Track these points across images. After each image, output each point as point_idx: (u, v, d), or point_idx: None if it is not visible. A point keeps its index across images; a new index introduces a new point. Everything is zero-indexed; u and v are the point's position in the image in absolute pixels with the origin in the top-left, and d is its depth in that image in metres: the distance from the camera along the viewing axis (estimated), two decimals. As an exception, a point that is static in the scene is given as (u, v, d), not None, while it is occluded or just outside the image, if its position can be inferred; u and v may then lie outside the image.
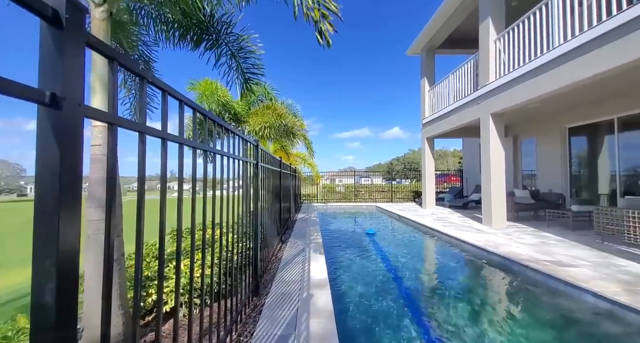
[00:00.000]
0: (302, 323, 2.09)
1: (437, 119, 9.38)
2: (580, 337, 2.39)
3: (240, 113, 5.87)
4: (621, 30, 3.72)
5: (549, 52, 4.87)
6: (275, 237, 4.51)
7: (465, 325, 2.51)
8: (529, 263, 3.63)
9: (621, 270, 3.36)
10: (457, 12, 8.01)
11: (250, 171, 2.64)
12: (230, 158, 1.89)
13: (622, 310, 2.50)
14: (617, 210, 4.51)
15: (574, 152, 8.06)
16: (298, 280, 3.03)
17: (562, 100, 7.08)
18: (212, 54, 3.26)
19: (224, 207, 1.80)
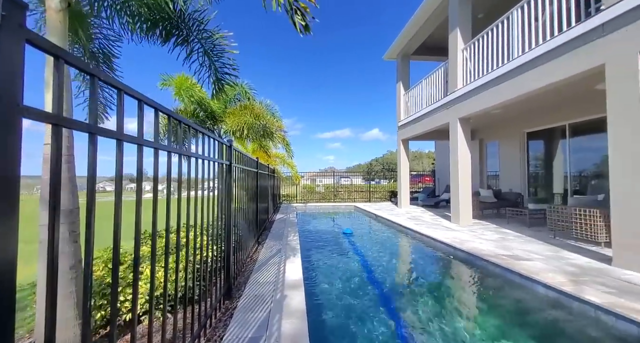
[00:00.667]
0: (273, 324, 2.09)
1: (412, 121, 9.77)
2: (530, 322, 2.62)
3: (217, 111, 5.71)
4: (569, 45, 4.13)
5: (509, 63, 5.28)
6: (252, 239, 4.45)
7: (432, 314, 2.65)
8: (489, 257, 3.91)
9: (568, 262, 3.73)
10: (429, 22, 8.42)
11: (223, 172, 2.59)
12: (199, 159, 1.85)
13: (567, 299, 2.78)
14: (567, 208, 4.99)
15: (531, 154, 8.77)
16: (273, 281, 3.02)
17: (521, 107, 7.68)
18: (183, 49, 3.17)
19: (192, 210, 1.76)
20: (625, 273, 3.26)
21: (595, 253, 4.12)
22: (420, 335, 2.39)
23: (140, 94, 1.02)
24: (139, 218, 1.08)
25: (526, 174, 8.90)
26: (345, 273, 3.94)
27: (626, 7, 3.38)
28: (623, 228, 3.46)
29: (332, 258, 4.73)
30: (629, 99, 3.39)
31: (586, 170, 7.09)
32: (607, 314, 2.42)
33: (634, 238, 3.31)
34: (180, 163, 1.74)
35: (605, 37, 3.65)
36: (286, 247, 4.55)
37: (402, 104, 10.66)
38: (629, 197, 3.38)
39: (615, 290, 2.77)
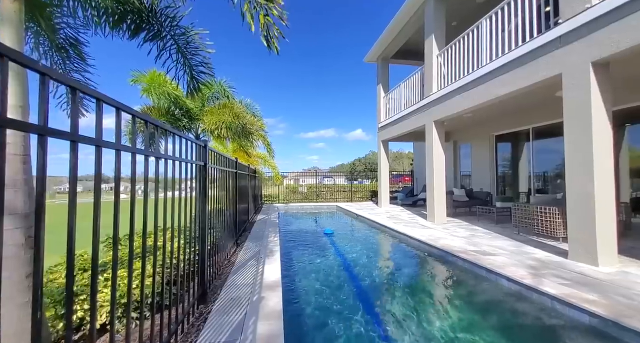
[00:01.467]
0: (249, 327, 2.07)
1: (391, 123, 10.03)
2: (491, 312, 2.80)
3: (194, 110, 5.53)
4: (531, 55, 4.45)
5: (478, 69, 5.58)
6: (230, 240, 4.36)
7: (405, 307, 2.76)
8: (459, 253, 4.13)
9: (529, 256, 4.02)
10: (407, 28, 8.70)
11: (197, 173, 2.53)
12: (168, 160, 1.80)
13: (527, 291, 3.00)
14: (529, 206, 5.36)
15: (499, 156, 9.33)
16: (250, 283, 2.99)
17: (491, 111, 8.14)
18: (155, 46, 3.04)
19: (162, 212, 1.71)
20: (579, 266, 3.57)
21: (554, 247, 4.47)
22: (393, 325, 2.48)
23: (98, 92, 0.98)
24: (97, 223, 1.04)
25: (495, 174, 9.45)
26: (324, 272, 3.98)
27: (580, 22, 3.71)
28: (576, 224, 3.78)
29: (312, 258, 4.76)
30: (581, 106, 3.72)
31: (548, 171, 7.67)
32: (561, 304, 2.64)
33: (586, 233, 3.64)
34: (146, 165, 1.69)
35: (562, 48, 3.98)
36: (265, 248, 4.51)
37: (382, 105, 10.92)
38: (582, 195, 3.70)
39: (570, 282, 3.03)
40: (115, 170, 1.15)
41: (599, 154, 3.57)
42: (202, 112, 5.49)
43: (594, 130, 3.57)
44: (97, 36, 2.96)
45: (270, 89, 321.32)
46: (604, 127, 3.61)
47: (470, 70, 5.83)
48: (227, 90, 5.78)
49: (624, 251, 4.09)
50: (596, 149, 3.56)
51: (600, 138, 3.59)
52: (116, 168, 1.35)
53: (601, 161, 3.57)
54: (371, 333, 2.39)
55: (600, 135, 3.59)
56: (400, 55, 10.68)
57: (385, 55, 10.62)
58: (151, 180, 1.97)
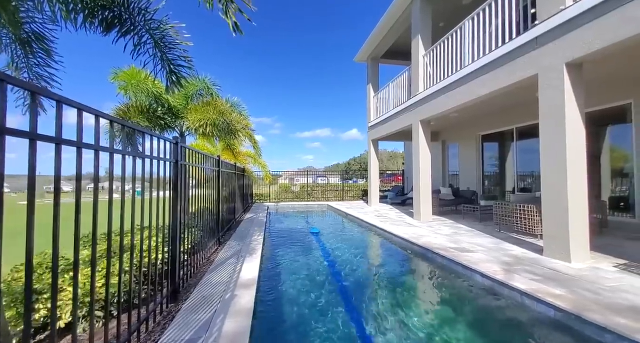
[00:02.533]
0: (216, 324, 2.07)
1: (380, 123, 10.09)
2: (463, 306, 2.85)
3: (177, 107, 5.46)
4: (509, 56, 4.53)
5: (461, 70, 5.66)
6: (212, 239, 4.33)
7: (381, 301, 2.79)
8: (439, 250, 4.19)
9: (506, 253, 4.10)
10: (394, 28, 8.76)
11: (169, 170, 2.50)
12: (133, 157, 1.78)
13: (499, 286, 3.06)
14: (509, 204, 5.47)
15: (485, 155, 9.48)
16: (225, 281, 2.98)
17: (476, 111, 8.27)
18: (131, 40, 3.00)
19: (139, 211, 1.69)
20: (552, 262, 3.66)
21: (531, 244, 4.57)
22: (368, 319, 2.50)
23: (57, 95, 0.98)
24: (57, 222, 1.03)
25: (481, 173, 9.61)
26: (305, 270, 3.99)
27: (555, 23, 3.79)
28: (551, 221, 3.88)
29: (294, 256, 4.76)
30: (555, 106, 3.80)
31: (530, 170, 7.83)
32: (529, 299, 2.70)
33: (559, 230, 3.73)
34: (111, 162, 1.67)
35: (538, 49, 4.06)
36: (247, 246, 4.50)
37: (372, 105, 10.97)
38: (556, 193, 3.80)
39: (540, 277, 3.11)
40: (76, 167, 1.14)
41: (572, 152, 3.66)
42: (186, 109, 5.43)
43: (567, 130, 3.66)
44: (84, 35, 2.92)
45: (266, 88, 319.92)
46: (577, 127, 3.70)
47: (454, 71, 5.91)
48: (212, 88, 5.71)
49: (599, 248, 4.21)
50: (569, 148, 3.65)
51: (574, 137, 3.68)
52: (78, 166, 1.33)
53: (574, 159, 3.66)
54: (344, 329, 2.40)
55: (573, 134, 3.68)
56: (390, 55, 10.75)
57: (375, 55, 10.67)
58: (128, 180, 1.95)
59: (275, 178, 18.91)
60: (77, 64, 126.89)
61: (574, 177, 3.65)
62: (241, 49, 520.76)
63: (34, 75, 3.38)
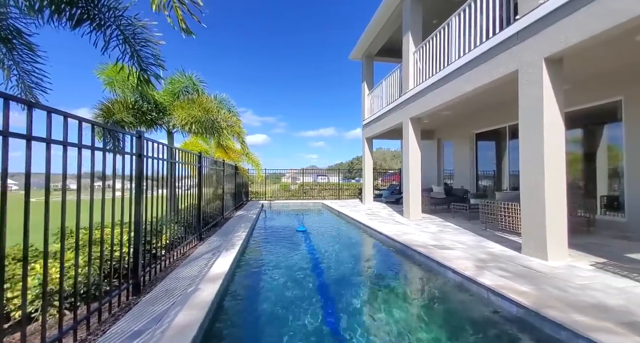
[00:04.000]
0: (169, 316, 2.08)
1: (374, 120, 10.05)
2: (430, 301, 2.82)
3: (163, 104, 5.50)
4: (492, 51, 4.47)
5: (448, 66, 5.60)
6: (191, 235, 4.35)
7: (351, 296, 2.79)
8: (417, 247, 4.16)
9: (485, 251, 4.06)
10: (387, 26, 8.70)
11: (132, 165, 2.52)
12: (92, 150, 1.81)
13: (467, 282, 3.04)
14: (495, 202, 5.41)
15: (479, 153, 9.38)
16: (194, 275, 2.99)
17: (468, 109, 8.19)
18: (101, 35, 3.04)
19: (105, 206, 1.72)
20: (530, 260, 3.62)
21: (513, 242, 4.52)
22: (336, 311, 2.49)
23: (6, 93, 1.01)
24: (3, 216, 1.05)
25: (475, 172, 9.51)
26: (280, 265, 4.00)
27: (534, 18, 3.73)
28: (528, 219, 3.83)
29: (274, 251, 4.77)
30: (534, 101, 3.75)
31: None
32: (494, 295, 2.67)
33: (536, 228, 3.68)
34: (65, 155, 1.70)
35: (518, 45, 4.00)
36: (228, 242, 4.53)
37: (367, 103, 10.93)
38: (533, 190, 3.74)
39: (511, 275, 3.07)
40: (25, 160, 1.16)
41: (550, 148, 3.61)
42: (172, 106, 5.47)
43: (545, 126, 3.60)
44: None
45: (270, 87, 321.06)
46: (556, 123, 3.64)
47: (442, 67, 5.85)
48: (198, 85, 5.74)
49: (581, 247, 4.14)
50: (547, 144, 3.60)
51: (552, 133, 3.62)
52: (27, 157, 1.36)
53: (552, 156, 3.61)
54: (303, 321, 2.41)
55: (551, 131, 3.62)
56: (385, 53, 10.69)
57: (369, 52, 10.62)
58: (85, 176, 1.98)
59: (279, 177, 18.99)
60: (75, 62, 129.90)
61: (551, 174, 3.60)
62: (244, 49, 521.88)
63: (22, 71, 3.45)
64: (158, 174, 3.08)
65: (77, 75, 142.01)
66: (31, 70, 3.26)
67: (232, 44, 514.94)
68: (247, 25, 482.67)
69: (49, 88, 3.32)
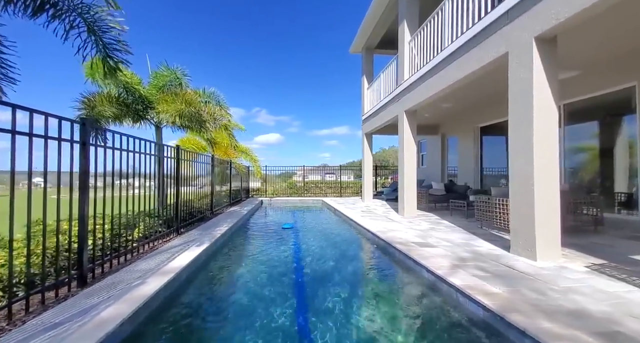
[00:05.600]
0: (97, 309, 2.01)
1: (372, 115, 9.76)
2: (393, 298, 2.59)
3: (149, 98, 5.52)
4: (483, 34, 4.12)
5: (440, 53, 5.26)
6: (164, 228, 4.28)
7: (320, 292, 2.64)
8: (397, 244, 3.92)
9: (470, 249, 3.76)
10: (384, 16, 8.37)
11: (72, 154, 2.41)
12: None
13: (439, 281, 2.78)
14: (490, 198, 5.04)
15: (484, 149, 8.87)
16: (149, 269, 2.92)
17: (470, 101, 7.75)
18: (62, 25, 3.02)
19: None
20: (516, 259, 3.30)
21: (506, 241, 4.17)
22: (303, 310, 2.34)
23: None
24: None
25: (479, 168, 9.03)
26: (249, 260, 3.87)
27: (525, -5, 3.38)
28: (516, 216, 3.50)
29: (250, 247, 4.64)
30: (523, 86, 3.40)
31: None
32: (462, 296, 2.42)
33: (525, 225, 3.35)
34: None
35: (508, 24, 3.65)
36: (204, 237, 4.46)
37: (366, 97, 10.63)
38: (522, 182, 3.41)
39: (488, 275, 2.79)
40: None
41: (541, 136, 3.26)
42: (157, 100, 5.47)
43: (535, 111, 3.26)
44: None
45: (284, 87, 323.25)
46: (547, 107, 3.29)
47: (435, 54, 5.51)
48: (182, 78, 5.72)
49: (582, 247, 3.76)
50: (537, 131, 3.26)
51: (542, 119, 3.27)
52: None
53: (543, 144, 3.26)
54: (236, 325, 2.27)
55: (542, 116, 3.27)
56: (384, 45, 10.32)
57: (369, 45, 10.30)
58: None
59: (291, 176, 18.94)
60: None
61: (542, 164, 3.25)
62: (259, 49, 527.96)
63: None
64: (124, 168, 3.04)
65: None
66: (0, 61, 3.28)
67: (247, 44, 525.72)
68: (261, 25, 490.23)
69: (18, 80, 3.34)
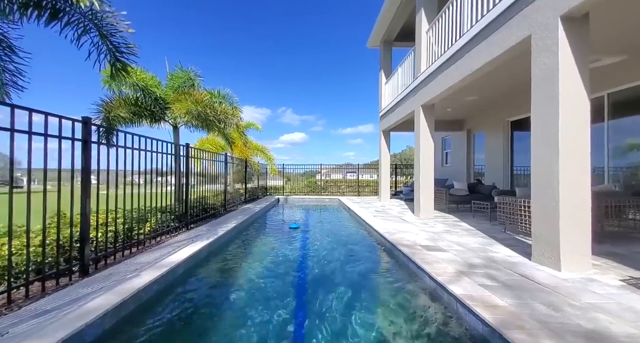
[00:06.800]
0: (87, 298, 2.11)
1: (389, 111, 9.39)
2: (389, 304, 2.40)
3: (165, 98, 5.79)
4: (504, 17, 3.71)
5: (459, 40, 4.86)
6: (173, 224, 4.45)
7: (314, 294, 2.58)
8: (401, 247, 3.69)
9: (484, 255, 3.41)
10: (402, 6, 7.97)
11: (73, 152, 2.55)
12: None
13: (440, 288, 2.54)
14: (515, 200, 4.56)
15: (515, 145, 8.11)
16: (148, 262, 3.02)
17: (494, 93, 7.12)
18: (73, 30, 3.24)
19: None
20: (537, 269, 2.93)
21: (529, 247, 3.71)
22: (290, 310, 2.29)
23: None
24: None
25: (510, 166, 8.28)
26: (248, 258, 3.85)
27: (551, -32, 2.96)
28: (539, 219, 3.10)
29: (249, 244, 4.61)
30: (549, 72, 2.99)
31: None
32: (462, 307, 2.18)
33: (548, 230, 2.95)
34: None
35: (531, 4, 3.24)
36: (211, 233, 4.57)
37: (384, 93, 10.25)
38: (545, 181, 3.01)
39: (498, 285, 2.49)
40: None
41: (567, 130, 2.85)
42: (172, 100, 5.73)
43: (561, 99, 2.85)
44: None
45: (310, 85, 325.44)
46: (576, 94, 2.85)
47: (453, 42, 5.09)
48: (194, 79, 5.92)
49: (622, 257, 3.26)
50: (563, 122, 2.85)
51: (570, 111, 2.85)
52: None
53: (570, 140, 2.84)
54: (213, 323, 2.25)
55: (569, 108, 2.85)
56: (403, 37, 9.84)
57: (387, 38, 9.89)
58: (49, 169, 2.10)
59: (314, 174, 19.03)
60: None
61: (569, 163, 2.84)
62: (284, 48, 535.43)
63: None
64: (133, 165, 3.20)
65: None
66: (12, 70, 3.58)
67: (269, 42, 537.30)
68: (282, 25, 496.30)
69: (25, 87, 3.67)
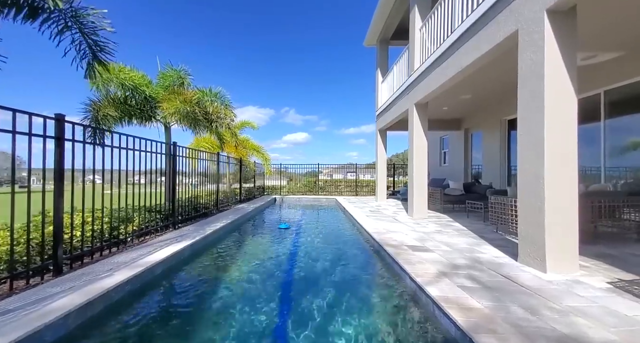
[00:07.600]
0: (52, 298, 2.07)
1: (384, 110, 9.31)
2: (366, 309, 2.34)
3: (155, 97, 5.77)
4: (492, 12, 3.63)
5: (450, 36, 4.78)
6: (158, 224, 4.42)
7: (296, 293, 2.51)
8: (387, 247, 3.63)
9: (470, 256, 3.34)
10: (397, 3, 7.89)
11: (44, 149, 2.51)
12: None
13: (417, 289, 2.47)
14: (505, 199, 4.47)
15: (512, 144, 8.00)
16: (125, 261, 2.98)
17: (489, 91, 7.02)
18: (54, 28, 3.21)
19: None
20: (522, 270, 2.85)
21: (515, 248, 3.65)
22: (270, 313, 2.23)
23: None
24: None
25: (507, 166, 8.17)
26: (225, 259, 3.78)
27: (538, -40, 2.88)
28: (524, 219, 3.02)
29: (232, 245, 4.53)
30: (534, 68, 2.91)
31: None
32: (437, 309, 2.10)
33: (533, 230, 2.87)
34: None
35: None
36: (196, 232, 4.52)
37: (380, 91, 10.17)
38: (531, 180, 2.92)
39: (477, 286, 2.42)
40: None
41: (554, 128, 2.76)
42: (163, 99, 5.70)
43: (546, 96, 2.77)
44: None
45: (312, 85, 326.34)
46: (563, 91, 2.77)
47: (444, 39, 5.01)
48: (184, 78, 5.90)
49: (613, 258, 3.17)
50: (548, 121, 2.76)
51: (556, 108, 2.77)
52: None
53: (556, 138, 2.76)
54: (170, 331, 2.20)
55: (555, 105, 2.77)
56: (400, 36, 9.74)
57: (384, 36, 9.81)
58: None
59: (316, 174, 18.87)
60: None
61: (555, 160, 2.76)
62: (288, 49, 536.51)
63: None
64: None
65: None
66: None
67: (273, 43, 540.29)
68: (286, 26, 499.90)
69: None
